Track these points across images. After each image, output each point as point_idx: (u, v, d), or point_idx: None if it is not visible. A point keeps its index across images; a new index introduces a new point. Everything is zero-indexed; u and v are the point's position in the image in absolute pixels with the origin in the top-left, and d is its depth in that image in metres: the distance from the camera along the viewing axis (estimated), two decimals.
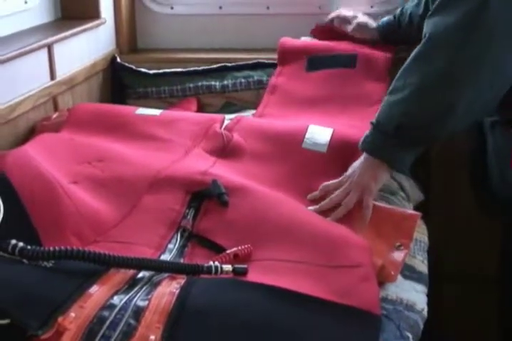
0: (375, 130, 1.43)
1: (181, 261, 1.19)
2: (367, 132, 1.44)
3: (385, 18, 1.97)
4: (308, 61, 1.95)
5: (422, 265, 1.46)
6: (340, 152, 1.54)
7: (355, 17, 2.02)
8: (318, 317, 1.00)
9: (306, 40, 2.09)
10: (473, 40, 1.33)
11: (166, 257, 1.20)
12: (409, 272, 1.40)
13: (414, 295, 1.33)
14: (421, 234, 1.56)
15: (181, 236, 1.27)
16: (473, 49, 1.33)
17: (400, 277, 1.35)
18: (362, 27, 2.00)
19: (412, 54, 1.43)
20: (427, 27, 1.42)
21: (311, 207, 1.39)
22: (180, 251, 1.22)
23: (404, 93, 1.39)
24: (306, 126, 1.60)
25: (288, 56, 1.99)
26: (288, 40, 2.05)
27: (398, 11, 1.92)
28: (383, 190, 1.63)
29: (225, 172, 1.44)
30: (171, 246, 1.24)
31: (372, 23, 2.00)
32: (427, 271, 1.45)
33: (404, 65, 1.44)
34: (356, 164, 1.45)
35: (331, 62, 1.93)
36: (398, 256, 1.34)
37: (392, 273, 1.26)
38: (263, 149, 1.57)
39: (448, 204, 2.14)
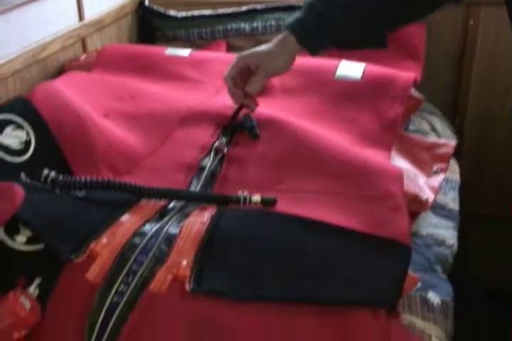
0: None
1: (212, 185, 1.19)
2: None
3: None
4: None
5: (452, 203, 1.46)
6: (375, 80, 1.52)
7: None
8: (348, 247, 1.00)
9: None
10: None
11: (198, 179, 1.19)
12: (440, 209, 1.40)
13: (445, 231, 1.34)
14: (452, 173, 1.56)
15: (215, 156, 1.26)
16: None
17: (430, 214, 1.36)
18: None
19: None
20: None
21: None
22: (213, 176, 1.21)
23: None
24: (337, 61, 1.59)
25: None
26: None
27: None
28: (414, 131, 1.63)
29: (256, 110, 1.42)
30: (204, 164, 1.23)
31: None
32: (458, 209, 1.45)
33: None
34: None
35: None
36: (435, 180, 1.34)
37: (429, 199, 1.26)
38: (294, 83, 1.55)
39: (481, 148, 2.13)
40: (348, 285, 0.94)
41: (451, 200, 1.47)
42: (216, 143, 1.29)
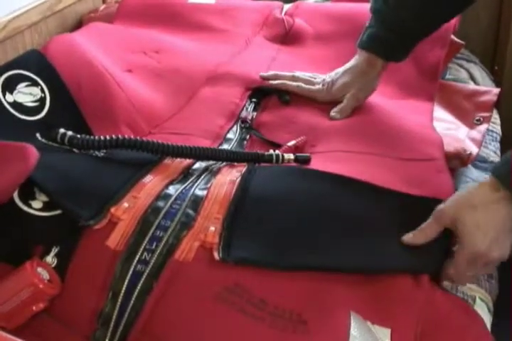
0: None
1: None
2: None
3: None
4: None
5: (494, 155, 1.39)
6: None
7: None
8: (390, 207, 0.94)
9: None
10: None
11: (225, 147, 1.13)
12: (480, 162, 1.34)
13: None
14: (493, 123, 1.49)
15: (241, 128, 1.20)
16: None
17: (470, 167, 1.29)
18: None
19: None
20: None
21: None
22: (240, 144, 1.16)
23: None
24: None
25: None
26: None
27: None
28: (452, 80, 1.55)
29: (288, 68, 1.36)
30: (230, 135, 1.17)
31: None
32: None
33: None
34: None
35: None
36: (478, 131, 1.27)
37: (473, 152, 1.19)
38: (328, 29, 1.48)
39: None
40: (390, 250, 0.88)
41: (493, 152, 1.40)
42: (243, 113, 1.23)
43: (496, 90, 1.42)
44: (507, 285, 1.08)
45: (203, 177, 0.96)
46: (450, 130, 1.25)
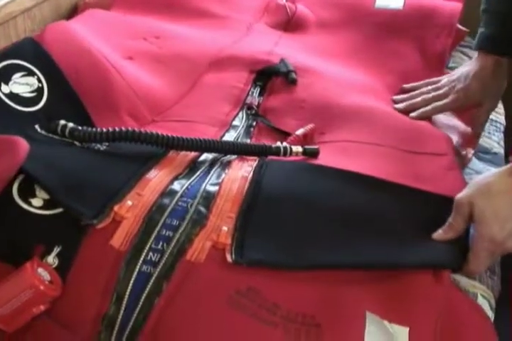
0: None
1: (248, 141, 1.09)
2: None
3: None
4: None
5: (497, 146, 1.37)
6: (419, 8, 1.41)
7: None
8: (410, 205, 0.91)
9: None
10: None
11: (231, 135, 1.10)
12: (483, 153, 1.31)
13: None
14: (497, 113, 1.46)
15: (247, 114, 1.16)
16: None
17: (474, 159, 1.27)
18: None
19: None
20: None
21: (399, 105, 1.23)
22: (247, 131, 1.12)
23: None
24: None
25: None
26: None
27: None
28: (456, 68, 1.51)
29: (292, 51, 1.33)
30: (236, 123, 1.14)
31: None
32: (503, 152, 1.36)
33: None
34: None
35: None
36: None
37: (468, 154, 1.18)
38: (331, 16, 1.45)
39: None
40: (411, 246, 0.85)
41: (496, 143, 1.37)
42: (248, 98, 1.20)
43: None
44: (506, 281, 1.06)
45: (212, 171, 0.93)
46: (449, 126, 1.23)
